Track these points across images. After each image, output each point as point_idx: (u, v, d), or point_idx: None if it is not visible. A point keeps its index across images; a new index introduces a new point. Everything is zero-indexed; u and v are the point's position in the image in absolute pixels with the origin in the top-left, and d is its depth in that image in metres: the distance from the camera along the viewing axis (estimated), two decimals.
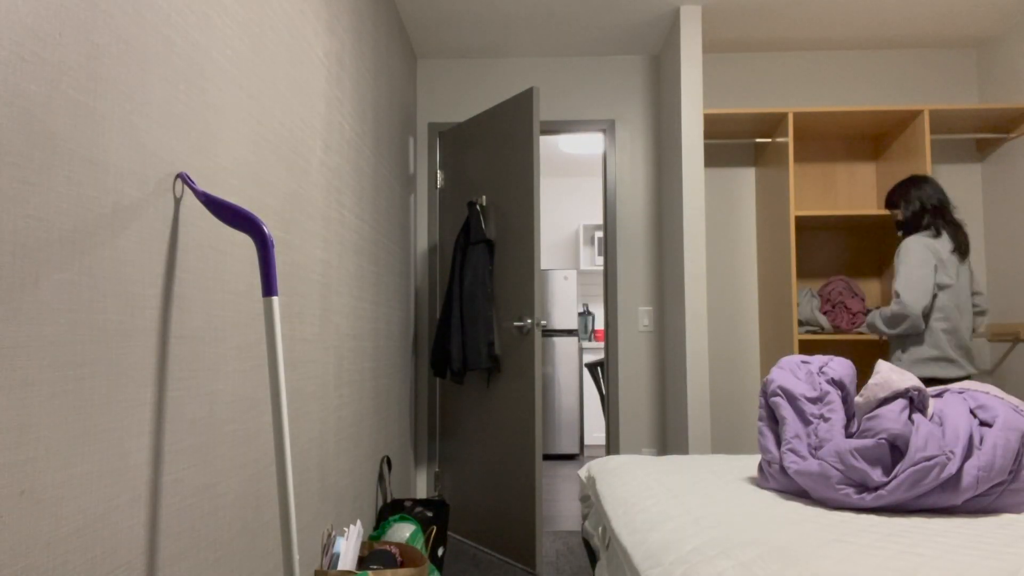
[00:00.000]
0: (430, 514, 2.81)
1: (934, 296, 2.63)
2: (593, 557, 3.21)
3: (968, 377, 2.65)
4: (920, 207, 2.75)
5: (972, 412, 1.56)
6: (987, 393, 1.62)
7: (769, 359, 3.58)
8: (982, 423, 1.53)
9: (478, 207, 3.40)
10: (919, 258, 2.63)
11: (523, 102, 3.14)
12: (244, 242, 1.52)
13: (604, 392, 4.00)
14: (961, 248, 2.68)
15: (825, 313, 3.43)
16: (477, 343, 3.27)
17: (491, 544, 3.32)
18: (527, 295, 3.10)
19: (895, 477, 1.45)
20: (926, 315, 2.64)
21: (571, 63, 3.91)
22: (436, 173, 3.87)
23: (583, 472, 2.25)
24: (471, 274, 3.32)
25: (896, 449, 1.49)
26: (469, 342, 3.30)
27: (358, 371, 2.53)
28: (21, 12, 0.86)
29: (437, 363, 3.43)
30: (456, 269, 3.41)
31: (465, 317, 3.32)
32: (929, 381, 2.64)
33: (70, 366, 0.94)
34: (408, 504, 2.84)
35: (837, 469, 1.52)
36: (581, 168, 6.41)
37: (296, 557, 1.22)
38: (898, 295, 2.61)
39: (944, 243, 2.68)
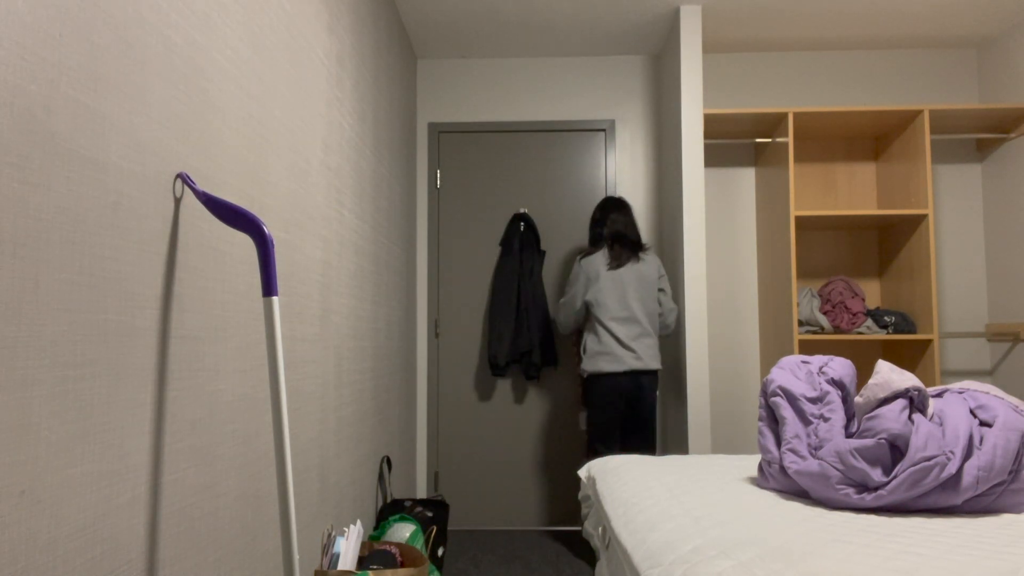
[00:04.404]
0: (430, 514, 2.81)
1: (589, 304, 3.19)
2: (593, 557, 3.21)
3: (633, 370, 3.10)
4: (597, 230, 3.29)
5: (972, 412, 1.56)
6: (987, 393, 1.62)
7: (769, 359, 3.58)
8: (982, 423, 1.53)
9: (528, 216, 3.78)
10: (571, 277, 3.26)
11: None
12: (244, 242, 1.52)
13: None
14: (618, 259, 3.16)
15: (825, 313, 3.43)
16: (553, 343, 3.71)
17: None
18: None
19: (895, 477, 1.45)
20: (586, 320, 3.24)
21: (571, 63, 3.91)
22: (436, 173, 3.87)
23: (583, 472, 2.25)
24: (533, 280, 3.68)
25: (896, 449, 1.49)
26: (546, 342, 3.68)
27: (358, 371, 2.53)
28: (21, 12, 0.86)
29: (505, 363, 3.62)
30: (516, 273, 3.68)
31: (532, 319, 3.64)
32: (599, 375, 3.13)
33: (70, 366, 0.94)
34: (408, 504, 2.84)
35: (837, 469, 1.52)
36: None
37: (296, 557, 1.22)
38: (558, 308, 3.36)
39: (602, 257, 3.19)
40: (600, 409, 3.14)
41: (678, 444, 3.44)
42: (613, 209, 3.27)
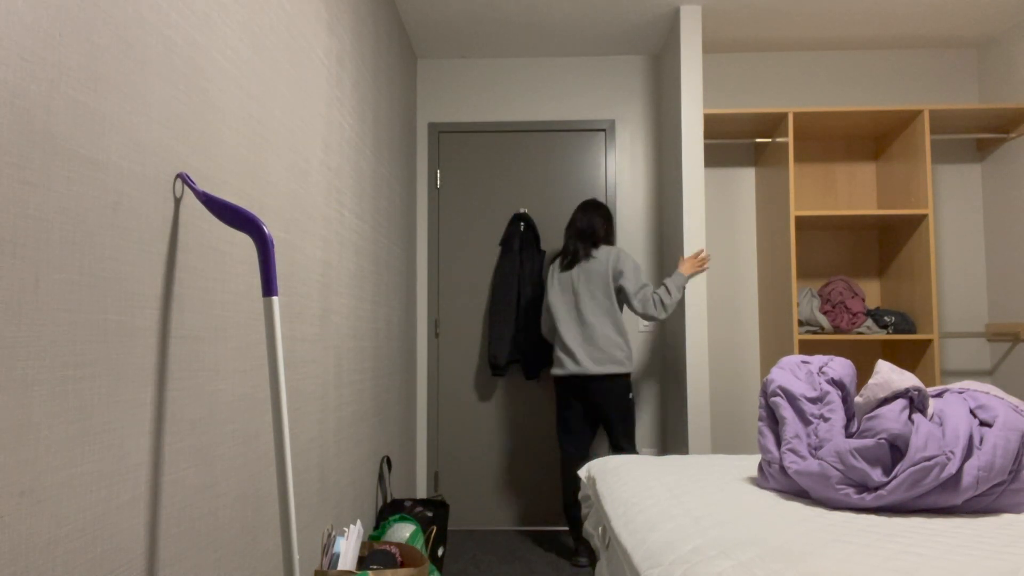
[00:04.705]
0: (430, 514, 2.81)
1: (550, 310, 3.23)
2: (593, 557, 3.21)
3: (574, 375, 3.10)
4: (566, 232, 3.28)
5: (972, 412, 1.56)
6: (987, 393, 1.62)
7: (769, 359, 3.58)
8: (982, 423, 1.53)
9: (528, 216, 3.76)
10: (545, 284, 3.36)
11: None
12: (244, 242, 1.52)
13: None
14: (569, 261, 3.18)
15: (825, 313, 3.43)
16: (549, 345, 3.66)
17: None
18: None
19: (895, 477, 1.45)
20: (554, 327, 3.22)
21: (571, 63, 3.91)
22: (436, 173, 3.87)
23: (583, 472, 2.25)
24: (533, 280, 3.68)
25: (896, 449, 1.49)
26: (545, 342, 3.64)
27: (358, 371, 2.53)
28: (21, 12, 0.86)
29: (505, 363, 3.59)
30: (516, 273, 3.66)
31: (531, 319, 3.64)
32: (554, 378, 3.22)
33: (70, 366, 0.94)
34: (408, 504, 2.84)
35: (837, 469, 1.52)
36: None
37: (296, 557, 1.22)
38: None
39: (558, 260, 3.26)
40: (558, 409, 3.26)
41: (678, 444, 3.44)
42: (579, 210, 3.28)
